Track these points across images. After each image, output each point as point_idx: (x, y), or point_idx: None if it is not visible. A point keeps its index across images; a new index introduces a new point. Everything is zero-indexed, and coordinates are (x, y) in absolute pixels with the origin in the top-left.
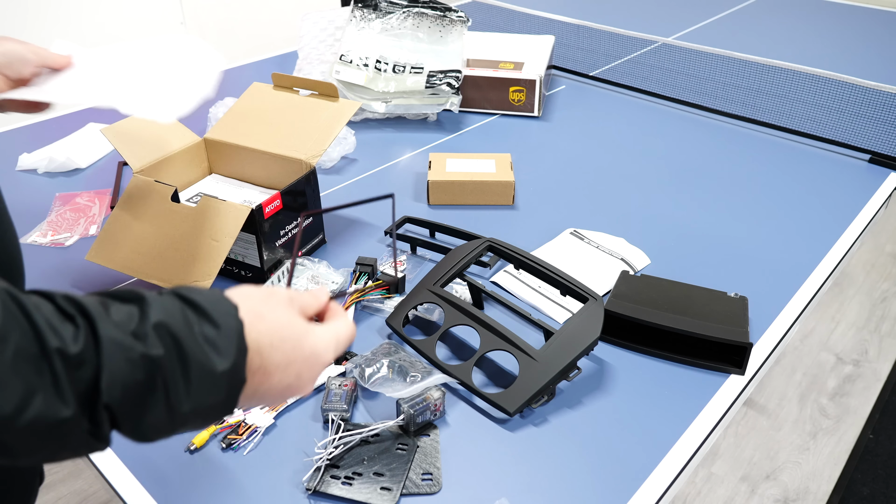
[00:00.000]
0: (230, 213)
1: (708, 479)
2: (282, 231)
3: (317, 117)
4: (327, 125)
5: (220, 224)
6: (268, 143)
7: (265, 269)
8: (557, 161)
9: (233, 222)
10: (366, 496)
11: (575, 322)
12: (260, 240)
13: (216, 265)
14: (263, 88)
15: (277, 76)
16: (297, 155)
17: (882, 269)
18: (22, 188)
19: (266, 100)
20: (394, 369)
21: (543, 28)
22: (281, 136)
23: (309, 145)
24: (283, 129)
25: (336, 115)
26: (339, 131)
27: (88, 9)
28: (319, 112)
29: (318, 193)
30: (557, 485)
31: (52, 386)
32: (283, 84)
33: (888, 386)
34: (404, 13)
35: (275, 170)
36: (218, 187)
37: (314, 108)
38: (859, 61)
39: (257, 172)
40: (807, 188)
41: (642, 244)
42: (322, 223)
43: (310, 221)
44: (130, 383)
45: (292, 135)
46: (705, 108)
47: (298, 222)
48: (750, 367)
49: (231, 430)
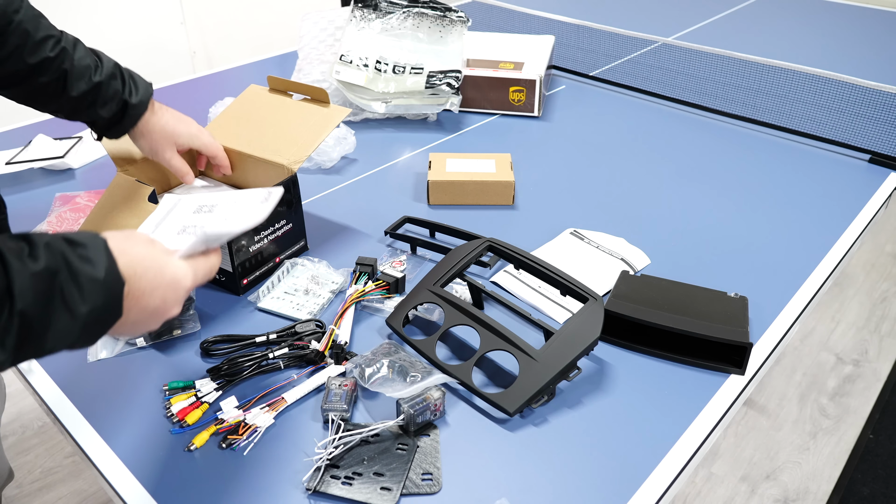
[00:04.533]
0: None
1: (708, 479)
2: (256, 237)
3: (306, 122)
4: (314, 131)
5: None
6: (254, 147)
7: (236, 274)
8: (557, 161)
9: None
10: (366, 496)
11: (575, 322)
12: (231, 245)
13: None
14: (259, 91)
15: (273, 79)
16: (280, 160)
17: (882, 269)
18: (22, 188)
19: (260, 103)
20: (394, 369)
21: (543, 28)
22: (268, 140)
23: (293, 150)
24: (271, 133)
25: (324, 120)
26: (324, 138)
27: (88, 9)
28: (309, 117)
29: (299, 200)
30: (557, 485)
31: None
32: (277, 87)
33: (888, 386)
34: (404, 13)
35: (260, 174)
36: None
37: (304, 112)
38: (859, 61)
39: (244, 175)
40: (807, 188)
41: (642, 244)
42: (304, 229)
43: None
44: (37, 291)
45: (279, 139)
46: (705, 108)
47: (278, 224)
48: (750, 367)
49: (231, 430)
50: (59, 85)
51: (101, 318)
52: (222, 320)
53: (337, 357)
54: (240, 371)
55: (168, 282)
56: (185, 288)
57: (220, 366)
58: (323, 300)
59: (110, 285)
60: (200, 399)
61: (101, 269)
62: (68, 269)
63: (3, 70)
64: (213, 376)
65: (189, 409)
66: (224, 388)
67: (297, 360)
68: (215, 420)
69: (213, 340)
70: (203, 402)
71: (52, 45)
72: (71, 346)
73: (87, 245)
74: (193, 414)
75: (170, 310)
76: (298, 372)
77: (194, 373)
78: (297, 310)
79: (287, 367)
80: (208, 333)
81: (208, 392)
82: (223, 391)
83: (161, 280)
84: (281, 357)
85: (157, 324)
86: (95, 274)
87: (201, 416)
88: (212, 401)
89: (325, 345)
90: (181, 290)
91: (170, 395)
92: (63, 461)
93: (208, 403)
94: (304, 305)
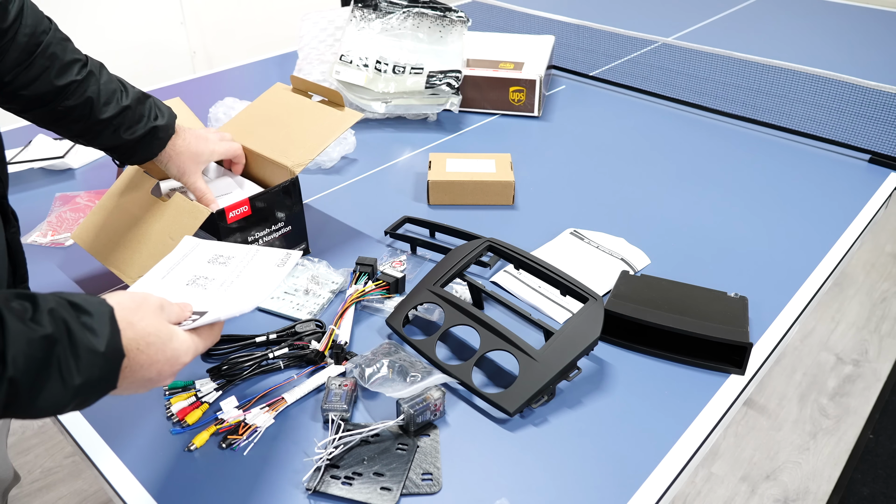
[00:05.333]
0: (189, 212)
1: (708, 479)
2: (251, 238)
3: (317, 124)
4: (323, 134)
5: (179, 222)
6: (265, 146)
7: None
8: (557, 161)
9: (190, 222)
10: (366, 496)
11: (575, 322)
12: None
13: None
14: (282, 90)
15: (296, 79)
16: (285, 161)
17: (882, 269)
18: (22, 188)
19: (279, 102)
20: (394, 369)
21: (543, 28)
22: (279, 140)
23: (299, 152)
24: (284, 133)
25: (335, 123)
26: (332, 142)
27: (88, 8)
28: (322, 119)
29: (300, 203)
30: (557, 485)
31: None
32: (299, 88)
33: (888, 386)
34: (404, 13)
35: (267, 173)
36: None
37: (319, 114)
38: (859, 61)
39: (254, 172)
40: (807, 188)
41: (642, 244)
42: (305, 232)
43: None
44: (31, 358)
45: (289, 139)
46: (705, 108)
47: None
48: (750, 367)
49: (231, 430)
50: (86, 108)
51: (95, 388)
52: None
53: (337, 357)
54: (240, 371)
55: (168, 357)
56: (182, 363)
57: (220, 366)
58: (323, 300)
59: (109, 358)
60: (200, 399)
61: (104, 341)
62: (69, 339)
63: (30, 92)
64: (212, 376)
65: (189, 409)
66: (224, 388)
67: (297, 360)
68: (215, 420)
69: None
70: (203, 402)
71: (78, 69)
72: (59, 411)
73: (93, 314)
74: (193, 414)
75: (163, 381)
76: (298, 372)
77: (194, 373)
78: (297, 310)
79: (287, 367)
80: None
81: (208, 392)
82: (223, 391)
83: (162, 355)
84: (281, 357)
85: (146, 391)
86: (96, 346)
87: (201, 416)
88: (212, 401)
89: (325, 345)
90: (178, 365)
91: (170, 395)
92: (63, 461)
93: (208, 403)
94: (304, 305)
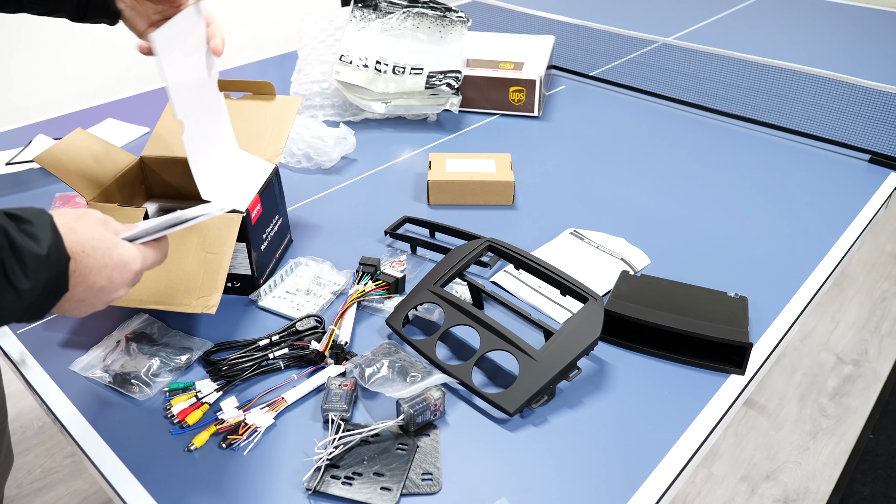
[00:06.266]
0: (220, 222)
1: (708, 479)
2: (263, 235)
3: (260, 119)
4: (276, 124)
5: (212, 236)
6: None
7: (256, 276)
8: (557, 161)
9: (227, 231)
10: (366, 496)
11: (575, 322)
12: (249, 246)
13: (221, 277)
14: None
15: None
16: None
17: (882, 269)
18: (22, 188)
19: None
20: (394, 369)
21: (543, 28)
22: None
23: (263, 146)
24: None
25: (280, 112)
26: (291, 127)
27: None
28: (261, 113)
29: (283, 192)
30: (557, 485)
31: None
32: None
33: (888, 386)
34: (404, 13)
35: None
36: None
37: (253, 110)
38: (859, 61)
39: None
40: (807, 188)
41: (642, 244)
42: (288, 224)
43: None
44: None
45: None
46: (705, 108)
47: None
48: (750, 367)
49: (231, 431)
50: None
51: (47, 294)
52: (222, 318)
53: (337, 357)
54: (240, 371)
55: (116, 262)
56: (133, 271)
57: (220, 366)
58: (323, 301)
59: (55, 261)
60: (201, 400)
61: (45, 245)
62: (10, 246)
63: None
64: (213, 377)
65: (189, 409)
66: (224, 389)
67: (297, 361)
68: (215, 420)
69: (213, 350)
70: (203, 403)
71: None
72: (18, 320)
73: (33, 221)
74: (194, 414)
75: (116, 290)
76: (298, 372)
77: (194, 374)
78: (297, 310)
79: (287, 367)
80: (208, 330)
81: (208, 393)
82: (223, 391)
83: (108, 259)
84: (281, 357)
85: (103, 304)
86: (38, 250)
87: (201, 416)
88: (212, 401)
89: (325, 345)
90: (128, 273)
91: (170, 395)
92: (63, 461)
93: (208, 404)
94: (304, 306)
